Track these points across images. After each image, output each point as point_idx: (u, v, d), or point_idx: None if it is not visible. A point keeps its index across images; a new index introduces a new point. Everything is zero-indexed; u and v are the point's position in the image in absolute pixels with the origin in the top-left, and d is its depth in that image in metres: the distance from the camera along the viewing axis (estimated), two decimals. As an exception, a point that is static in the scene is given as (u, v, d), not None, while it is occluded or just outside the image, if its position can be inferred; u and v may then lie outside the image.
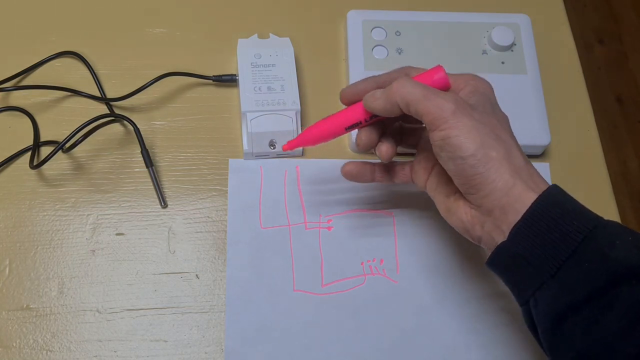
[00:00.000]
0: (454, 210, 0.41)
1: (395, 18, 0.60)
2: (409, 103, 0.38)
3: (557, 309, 0.35)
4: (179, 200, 0.53)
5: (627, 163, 1.46)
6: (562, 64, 0.62)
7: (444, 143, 0.37)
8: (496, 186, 0.36)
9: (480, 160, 0.36)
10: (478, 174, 0.37)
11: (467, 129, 0.36)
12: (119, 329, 0.49)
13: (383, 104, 0.40)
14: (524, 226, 0.36)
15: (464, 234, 0.41)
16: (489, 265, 0.39)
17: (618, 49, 1.59)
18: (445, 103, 0.37)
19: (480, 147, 0.36)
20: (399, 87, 0.39)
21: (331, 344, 0.49)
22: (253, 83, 0.54)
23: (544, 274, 0.35)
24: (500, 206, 0.37)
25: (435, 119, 0.37)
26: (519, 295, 0.38)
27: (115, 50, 0.59)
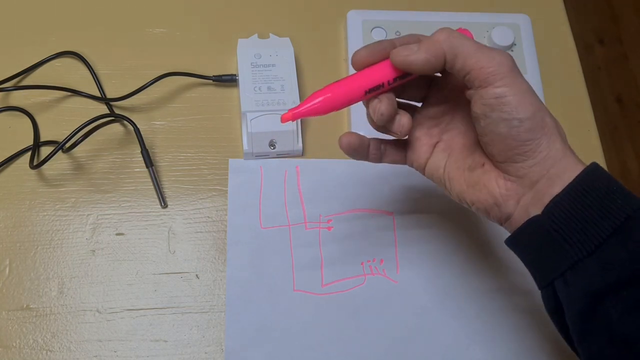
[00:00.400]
0: (483, 184, 0.36)
1: (395, 18, 0.60)
2: (458, 54, 0.34)
3: (593, 289, 0.32)
4: (179, 200, 0.53)
5: (627, 163, 1.46)
6: (562, 64, 0.62)
7: (498, 102, 0.33)
8: (548, 154, 0.34)
9: (538, 125, 0.33)
10: (532, 140, 0.33)
11: (524, 89, 0.34)
12: (119, 329, 0.49)
13: (425, 57, 0.34)
14: (564, 198, 0.33)
15: (489, 211, 0.37)
16: (512, 242, 0.36)
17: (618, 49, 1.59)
18: (502, 58, 0.33)
19: (538, 110, 0.34)
20: (447, 36, 0.34)
21: (331, 344, 0.49)
22: (253, 83, 0.54)
23: (581, 251, 0.32)
24: (549, 176, 0.34)
25: (490, 73, 0.33)
26: (543, 275, 0.35)
27: (115, 50, 0.59)
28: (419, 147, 0.40)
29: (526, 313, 0.51)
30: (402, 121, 0.37)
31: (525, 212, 0.35)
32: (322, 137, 0.57)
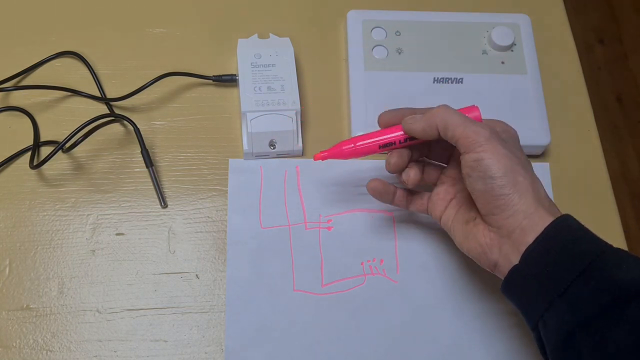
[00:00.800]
0: (473, 234, 0.42)
1: (395, 18, 0.60)
2: (447, 127, 0.41)
3: (565, 326, 0.36)
4: (179, 200, 0.53)
5: (627, 163, 1.46)
6: (562, 64, 0.62)
7: (476, 164, 0.40)
8: (520, 208, 0.39)
9: (509, 182, 0.39)
10: (505, 195, 0.39)
11: (499, 154, 0.39)
12: (119, 329, 0.49)
13: (422, 126, 0.43)
14: (536, 248, 0.38)
15: (479, 259, 0.42)
16: (504, 290, 0.41)
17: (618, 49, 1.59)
18: (481, 130, 0.40)
19: (510, 171, 0.39)
20: (441, 111, 0.42)
21: (331, 343, 0.49)
22: (253, 83, 0.54)
23: (553, 293, 0.37)
24: (521, 227, 0.39)
25: (471, 142, 0.40)
26: (530, 318, 0.39)
27: (115, 50, 0.59)
28: (437, 200, 0.47)
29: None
30: (410, 173, 0.45)
31: (506, 258, 0.40)
32: (322, 137, 0.57)
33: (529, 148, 0.56)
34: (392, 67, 0.57)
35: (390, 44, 0.58)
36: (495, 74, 0.58)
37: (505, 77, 0.58)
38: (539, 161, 0.57)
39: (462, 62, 0.58)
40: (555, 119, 0.58)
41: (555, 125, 0.57)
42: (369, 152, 0.46)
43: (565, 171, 0.57)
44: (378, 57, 0.58)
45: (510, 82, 0.57)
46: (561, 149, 0.58)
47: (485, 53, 0.59)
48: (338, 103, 0.58)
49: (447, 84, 0.57)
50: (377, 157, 0.56)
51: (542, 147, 0.56)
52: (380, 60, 0.58)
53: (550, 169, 0.57)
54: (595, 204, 0.56)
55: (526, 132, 0.55)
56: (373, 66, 0.57)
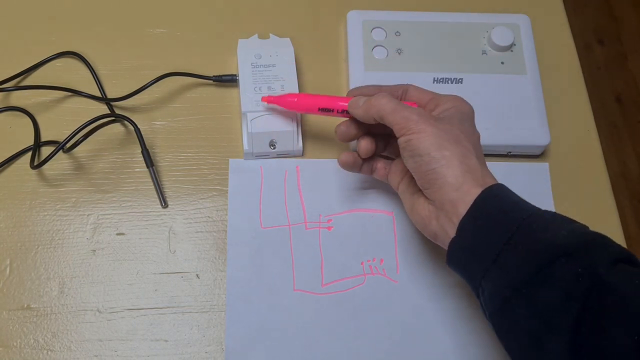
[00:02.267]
0: (416, 207, 0.45)
1: (395, 18, 0.60)
2: (382, 115, 0.44)
3: (500, 292, 0.38)
4: (180, 200, 0.53)
5: (627, 163, 1.46)
6: (562, 64, 0.62)
7: (406, 144, 0.43)
8: (447, 181, 0.41)
9: (434, 158, 0.41)
10: (431, 170, 0.41)
11: (426, 133, 0.42)
12: (119, 328, 0.49)
13: (362, 113, 0.46)
14: (467, 219, 0.40)
15: (423, 230, 0.45)
16: (449, 264, 0.42)
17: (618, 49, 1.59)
18: (410, 114, 0.43)
19: (436, 148, 0.41)
20: (375, 101, 0.45)
21: (331, 343, 0.49)
22: (253, 83, 0.54)
23: (487, 261, 0.38)
24: (451, 200, 0.41)
25: (402, 127, 0.43)
26: (473, 287, 0.41)
27: (116, 50, 0.59)
28: (395, 171, 0.50)
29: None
30: (361, 143, 0.48)
31: (443, 229, 0.42)
32: (322, 137, 0.57)
33: (529, 148, 0.56)
34: (392, 68, 0.57)
35: (390, 44, 0.58)
36: (495, 74, 0.58)
37: (504, 77, 0.58)
38: (539, 161, 0.57)
39: (461, 62, 0.58)
40: (555, 119, 0.58)
41: (555, 125, 0.57)
42: (308, 110, 0.50)
43: (564, 171, 0.57)
44: (378, 57, 0.58)
45: (510, 82, 0.57)
46: (561, 149, 0.58)
47: (484, 53, 0.59)
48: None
49: (447, 84, 0.57)
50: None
51: (541, 147, 0.56)
52: (380, 60, 0.58)
53: (550, 169, 0.57)
54: (594, 204, 0.56)
55: (526, 132, 0.56)
56: (373, 66, 0.57)
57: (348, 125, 0.48)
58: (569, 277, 0.35)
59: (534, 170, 0.57)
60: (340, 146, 0.57)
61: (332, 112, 0.49)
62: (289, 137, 0.54)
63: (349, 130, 0.48)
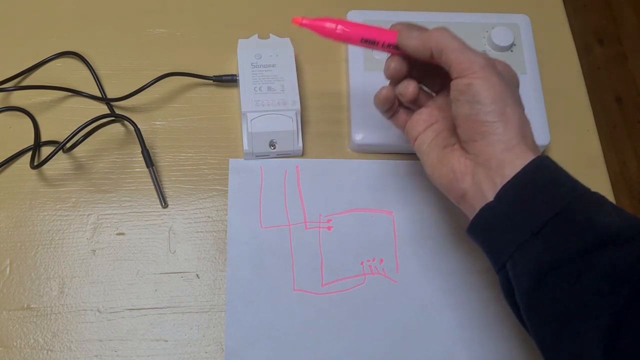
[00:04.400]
0: (448, 159, 0.41)
1: (395, 18, 0.59)
2: (443, 50, 0.40)
3: (538, 266, 0.35)
4: (180, 200, 0.53)
5: (627, 163, 1.46)
6: (562, 64, 0.62)
7: (466, 88, 0.39)
8: (502, 138, 0.38)
9: (495, 111, 0.38)
10: (489, 122, 0.38)
11: (491, 82, 0.39)
12: (119, 328, 0.49)
13: (417, 44, 0.41)
14: (513, 186, 0.37)
15: (449, 187, 0.41)
16: (471, 231, 0.40)
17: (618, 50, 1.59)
18: (477, 58, 0.40)
19: (499, 100, 0.38)
20: (438, 34, 0.40)
21: (331, 343, 0.49)
22: (253, 83, 0.54)
23: (526, 233, 0.36)
24: (500, 159, 0.38)
25: (464, 68, 0.39)
26: (498, 258, 0.38)
27: (116, 50, 0.59)
28: (418, 120, 0.45)
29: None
30: (409, 85, 0.44)
31: (478, 188, 0.39)
32: (322, 137, 0.57)
33: (529, 148, 0.56)
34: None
35: (390, 44, 0.58)
36: (495, 74, 0.58)
37: (505, 77, 0.58)
38: (539, 161, 0.57)
39: (462, 62, 0.58)
40: (555, 119, 0.58)
41: (555, 125, 0.57)
42: (348, 40, 0.44)
43: (564, 171, 0.57)
44: (378, 57, 0.58)
45: (510, 82, 0.57)
46: (561, 149, 0.58)
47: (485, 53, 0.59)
48: (338, 103, 0.58)
49: (447, 84, 0.57)
50: (378, 157, 0.56)
51: (541, 147, 0.56)
52: (380, 60, 0.58)
53: (550, 169, 0.57)
54: (594, 203, 0.56)
55: (526, 132, 0.56)
56: (373, 66, 0.57)
57: (401, 61, 0.44)
58: (620, 263, 0.33)
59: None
60: (340, 147, 0.57)
61: (376, 45, 0.43)
62: (289, 137, 0.54)
63: (402, 67, 0.44)
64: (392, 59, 0.44)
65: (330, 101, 0.58)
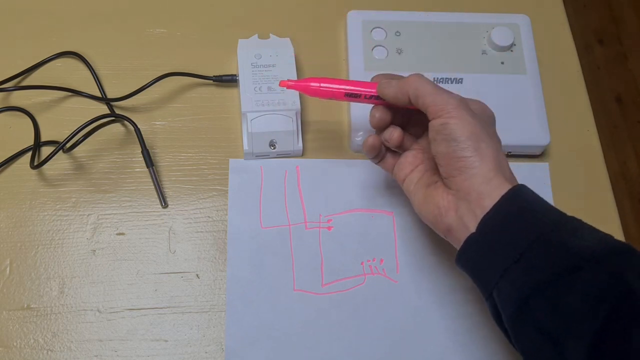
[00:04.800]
0: (432, 196, 0.43)
1: (395, 18, 0.60)
2: (418, 95, 0.42)
3: (521, 291, 0.37)
4: (180, 200, 0.53)
5: (627, 163, 1.46)
6: (562, 64, 0.62)
7: (442, 127, 0.41)
8: (478, 172, 0.40)
9: (470, 147, 0.40)
10: (465, 157, 0.40)
11: (465, 121, 0.41)
12: (119, 328, 0.49)
13: (395, 92, 0.44)
14: (493, 215, 0.39)
15: (435, 222, 0.43)
16: (459, 262, 0.41)
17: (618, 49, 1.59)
18: (450, 99, 0.42)
19: (473, 136, 0.41)
20: (414, 79, 0.43)
21: (331, 343, 0.49)
22: (253, 83, 0.54)
23: (508, 260, 0.37)
24: (479, 191, 0.40)
25: (439, 109, 0.41)
26: (485, 287, 0.40)
27: (116, 50, 0.59)
28: (405, 163, 0.48)
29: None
30: (394, 134, 0.46)
31: (461, 221, 0.41)
32: (322, 137, 0.57)
33: (529, 148, 0.56)
34: (392, 68, 0.57)
35: (390, 44, 0.58)
36: (495, 74, 0.58)
37: (504, 77, 0.58)
38: (539, 161, 0.57)
39: (461, 62, 0.58)
40: (554, 119, 0.58)
41: (555, 125, 0.57)
42: (333, 96, 0.47)
43: (564, 171, 0.57)
44: (378, 57, 0.58)
45: (510, 83, 0.57)
46: (561, 149, 0.58)
47: (484, 53, 0.59)
48: (338, 103, 0.58)
49: (447, 84, 0.57)
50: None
51: (541, 147, 0.56)
52: (380, 60, 0.58)
53: (550, 169, 0.57)
54: (594, 204, 0.56)
55: (526, 132, 0.56)
56: (373, 66, 0.57)
57: (384, 110, 0.46)
58: (596, 283, 0.35)
59: (534, 170, 0.57)
60: (340, 147, 0.57)
61: (359, 97, 0.47)
62: (289, 137, 0.54)
63: (385, 116, 0.46)
64: (376, 109, 0.46)
65: (330, 101, 0.58)
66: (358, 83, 0.47)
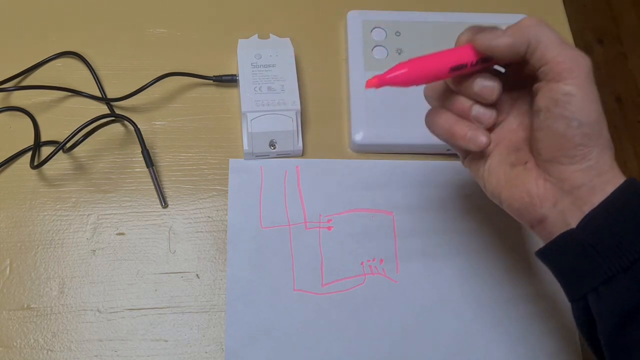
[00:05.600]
0: (521, 181, 0.36)
1: (395, 18, 0.60)
2: (540, 43, 0.33)
3: (626, 305, 0.32)
4: (180, 200, 0.53)
5: (627, 163, 1.46)
6: (561, 64, 0.62)
7: (565, 99, 0.33)
8: (595, 164, 0.34)
9: (595, 133, 0.33)
10: (585, 145, 0.33)
11: (593, 96, 0.33)
12: (119, 328, 0.49)
13: (510, 41, 0.34)
14: (600, 214, 0.33)
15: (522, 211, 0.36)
16: (544, 254, 0.36)
17: (618, 49, 1.60)
18: (580, 57, 0.33)
19: (600, 119, 0.33)
20: (534, 24, 0.34)
21: (331, 343, 0.49)
22: (253, 83, 0.54)
23: (615, 267, 0.32)
24: (591, 185, 0.34)
25: (565, 70, 0.33)
26: (575, 288, 0.35)
27: (116, 50, 0.59)
28: None
29: (525, 313, 0.51)
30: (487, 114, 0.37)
31: (561, 216, 0.35)
32: (322, 137, 0.57)
33: (529, 148, 0.56)
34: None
35: (390, 44, 0.58)
36: (495, 74, 0.58)
37: (505, 77, 0.58)
38: (539, 161, 0.57)
39: (462, 62, 0.58)
40: (554, 119, 0.58)
41: (555, 125, 0.57)
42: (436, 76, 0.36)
43: (564, 171, 0.57)
44: (378, 57, 0.58)
45: (510, 82, 0.57)
46: (561, 149, 0.58)
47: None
48: (338, 103, 0.58)
49: (447, 84, 0.57)
50: (378, 157, 0.56)
51: (541, 147, 0.56)
52: (380, 60, 0.58)
53: (550, 169, 0.57)
54: (594, 203, 0.56)
55: (526, 132, 0.56)
56: (373, 66, 0.57)
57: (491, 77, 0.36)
58: None
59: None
60: (340, 147, 0.57)
61: (465, 67, 0.36)
62: (289, 137, 0.54)
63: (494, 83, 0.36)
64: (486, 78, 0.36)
65: (330, 101, 0.58)
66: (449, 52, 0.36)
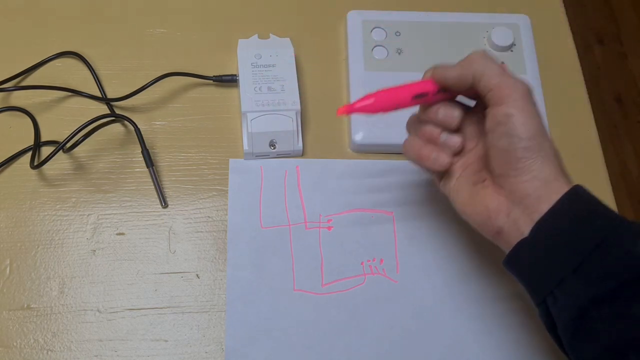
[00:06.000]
0: (481, 197, 0.40)
1: (395, 18, 0.60)
2: (484, 74, 0.38)
3: (579, 303, 0.35)
4: (180, 200, 0.53)
5: (627, 163, 1.46)
6: (561, 64, 0.62)
7: (505, 119, 0.37)
8: (539, 174, 0.37)
9: (534, 146, 0.37)
10: (527, 158, 0.37)
11: (531, 114, 0.37)
12: (119, 328, 0.49)
13: (458, 73, 0.39)
14: (548, 220, 0.36)
15: (482, 224, 0.40)
16: (507, 263, 0.39)
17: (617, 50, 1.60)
18: (517, 83, 0.38)
19: (538, 134, 0.37)
20: (479, 57, 0.39)
21: (331, 343, 0.49)
22: (253, 83, 0.54)
23: (565, 269, 0.35)
24: (537, 195, 0.37)
25: (505, 95, 0.37)
26: (536, 293, 0.37)
27: (116, 50, 0.59)
28: None
29: (525, 314, 0.51)
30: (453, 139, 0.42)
31: (515, 225, 0.38)
32: (322, 137, 0.57)
33: (529, 148, 0.56)
34: (392, 68, 0.57)
35: (390, 44, 0.58)
36: (495, 74, 0.58)
37: (505, 77, 0.58)
38: (539, 161, 0.57)
39: (462, 62, 0.58)
40: (555, 119, 0.58)
41: (555, 125, 0.57)
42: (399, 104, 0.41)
43: (564, 171, 0.57)
44: (378, 57, 0.58)
45: (510, 82, 0.57)
46: (560, 149, 0.57)
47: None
48: (338, 103, 0.58)
49: (447, 84, 0.57)
50: (378, 157, 0.56)
51: (541, 147, 0.56)
52: (380, 60, 0.58)
53: (550, 169, 0.57)
54: (594, 203, 0.56)
55: (526, 132, 0.56)
56: (373, 66, 0.57)
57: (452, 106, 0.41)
58: None
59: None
60: (340, 147, 0.57)
61: (427, 96, 0.41)
62: (289, 137, 0.54)
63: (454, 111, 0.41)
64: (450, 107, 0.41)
65: (331, 101, 0.58)
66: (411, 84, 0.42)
